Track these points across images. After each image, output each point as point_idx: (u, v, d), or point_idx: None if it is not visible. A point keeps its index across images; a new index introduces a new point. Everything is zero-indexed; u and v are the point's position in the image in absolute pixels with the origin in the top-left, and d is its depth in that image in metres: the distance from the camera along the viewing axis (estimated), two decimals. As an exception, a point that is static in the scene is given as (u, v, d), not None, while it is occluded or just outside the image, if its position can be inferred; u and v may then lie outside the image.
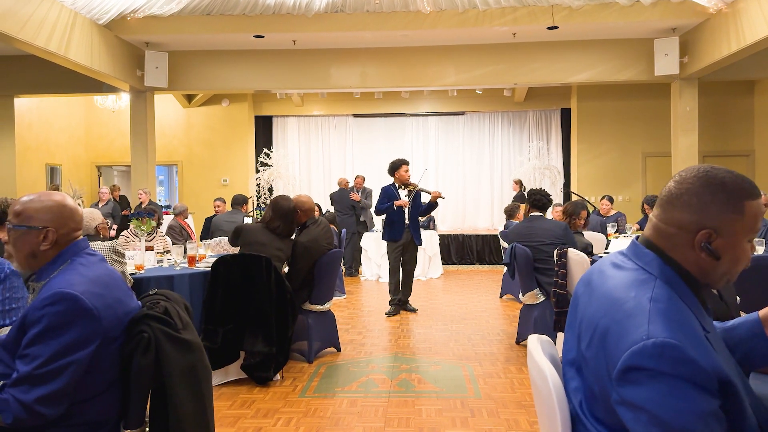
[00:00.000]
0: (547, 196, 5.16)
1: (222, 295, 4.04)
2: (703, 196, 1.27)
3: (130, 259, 4.37)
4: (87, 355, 1.71)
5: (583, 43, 9.25)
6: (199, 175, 12.30)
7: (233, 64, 9.65)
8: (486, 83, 9.81)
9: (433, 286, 8.78)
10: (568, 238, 4.78)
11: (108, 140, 12.52)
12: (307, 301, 4.69)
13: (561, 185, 11.89)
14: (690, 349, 1.14)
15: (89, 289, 1.74)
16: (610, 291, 1.30)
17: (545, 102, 12.32)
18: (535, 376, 1.49)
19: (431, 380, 4.22)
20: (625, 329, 1.19)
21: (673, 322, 1.18)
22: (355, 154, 13.01)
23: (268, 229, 4.46)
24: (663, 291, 1.25)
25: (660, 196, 1.36)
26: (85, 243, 1.90)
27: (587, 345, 1.30)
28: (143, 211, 4.97)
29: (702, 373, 1.13)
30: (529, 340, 1.58)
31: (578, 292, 1.44)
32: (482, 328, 5.89)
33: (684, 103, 9.02)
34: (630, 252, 1.38)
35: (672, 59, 8.64)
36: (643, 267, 1.32)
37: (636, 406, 1.15)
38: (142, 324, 1.86)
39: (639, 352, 1.14)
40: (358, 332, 5.74)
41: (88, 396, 1.79)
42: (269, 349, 4.02)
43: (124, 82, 9.04)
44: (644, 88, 10.84)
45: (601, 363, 1.24)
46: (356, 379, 4.27)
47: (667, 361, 1.13)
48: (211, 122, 12.41)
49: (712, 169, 1.30)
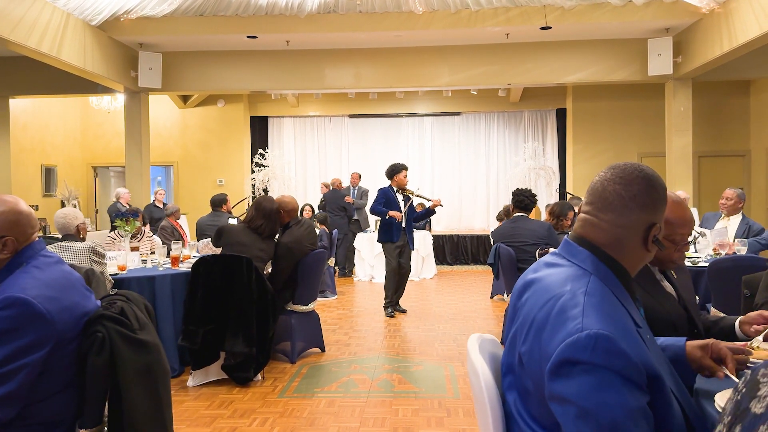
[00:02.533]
0: (532, 197, 5.17)
1: (202, 295, 4.06)
2: (648, 194, 1.36)
3: (113, 259, 4.40)
4: (40, 358, 1.73)
5: (577, 44, 9.24)
6: (195, 176, 12.33)
7: (227, 64, 9.69)
8: (480, 84, 9.82)
9: (425, 286, 8.79)
10: (552, 239, 4.79)
11: (104, 141, 12.57)
12: (291, 301, 4.71)
13: (556, 186, 11.89)
14: (622, 342, 1.16)
15: (42, 293, 1.75)
16: (545, 287, 1.32)
17: (541, 102, 12.32)
18: (471, 374, 1.50)
19: (412, 380, 4.24)
20: (560, 322, 1.21)
21: (606, 315, 1.20)
22: (351, 155, 13.03)
23: (250, 230, 4.48)
24: (597, 285, 1.27)
25: (591, 191, 1.40)
26: (40, 245, 1.92)
27: (523, 341, 1.31)
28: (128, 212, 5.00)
29: (632, 367, 1.15)
30: (469, 339, 1.59)
31: (512, 301, 1.45)
32: (469, 328, 5.91)
33: (678, 103, 9.01)
34: (562, 250, 1.40)
35: (665, 59, 8.64)
36: (577, 264, 1.34)
37: (565, 400, 1.16)
38: (97, 324, 1.88)
39: (573, 344, 1.16)
40: (344, 333, 5.75)
41: (44, 396, 1.82)
42: (249, 350, 4.04)
43: (118, 83, 9.08)
44: (639, 88, 10.83)
45: (536, 357, 1.25)
46: (337, 379, 4.29)
47: (599, 353, 1.14)
48: (207, 123, 12.44)
49: (643, 168, 1.40)
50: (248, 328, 4.05)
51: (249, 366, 4.10)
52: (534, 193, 5.32)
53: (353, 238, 9.42)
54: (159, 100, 11.82)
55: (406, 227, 6.52)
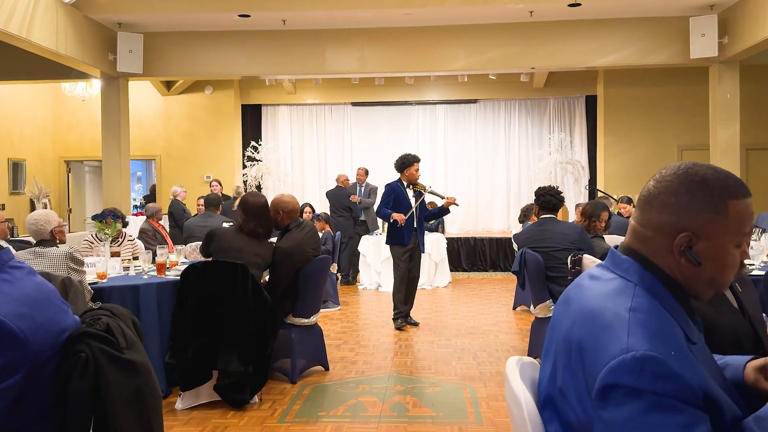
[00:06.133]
0: (558, 194, 5.13)
1: (192, 307, 4.04)
2: (681, 195, 1.28)
3: (91, 266, 4.38)
4: (14, 384, 1.70)
5: (610, 22, 9.20)
6: (180, 171, 12.34)
7: (216, 46, 9.68)
8: (500, 67, 9.80)
9: (439, 296, 8.77)
10: (585, 243, 4.75)
11: (78, 132, 12.59)
12: (291, 313, 4.68)
13: (586, 182, 11.87)
14: (673, 363, 1.15)
15: (14, 310, 1.72)
16: (585, 304, 1.31)
17: (568, 88, 12.29)
18: (510, 402, 1.47)
19: (428, 403, 4.21)
20: (603, 344, 1.20)
21: (655, 333, 1.19)
22: (354, 148, 13.03)
23: (243, 233, 4.44)
24: (643, 300, 1.26)
25: (639, 196, 1.38)
26: (7, 255, 1.89)
27: (564, 369, 1.29)
28: (107, 212, 4.99)
29: (686, 390, 1.14)
30: (508, 363, 1.56)
31: (556, 312, 1.44)
32: (490, 344, 5.88)
33: (724, 90, 8.96)
34: (608, 261, 1.39)
35: (710, 40, 8.59)
36: (622, 275, 1.33)
37: (614, 429, 1.14)
38: (79, 343, 1.85)
39: (617, 368, 1.15)
40: (350, 348, 5.73)
41: (18, 427, 1.78)
42: (245, 368, 4.02)
43: (94, 68, 9.09)
44: (679, 72, 10.79)
45: (580, 384, 1.24)
46: (344, 402, 4.27)
47: (647, 377, 1.13)
48: (193, 112, 12.46)
49: (694, 166, 1.31)
50: (244, 343, 4.02)
51: (245, 386, 4.08)
52: (560, 191, 5.28)
53: (358, 242, 9.39)
54: (140, 86, 11.83)
55: (418, 228, 6.48)
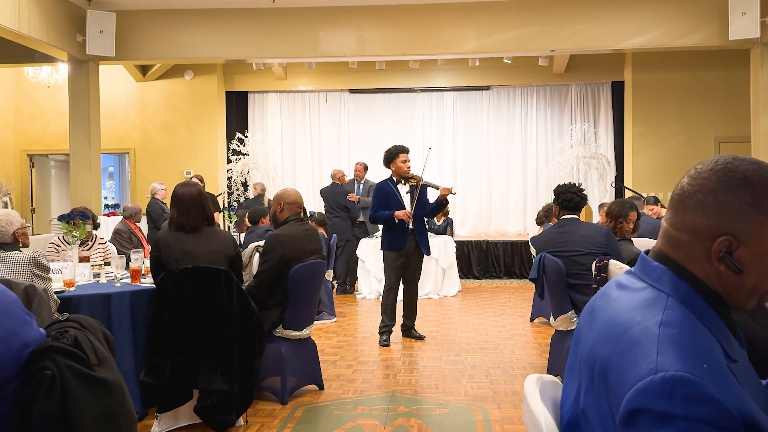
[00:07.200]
0: (580, 192, 5.13)
1: (170, 318, 4.04)
2: (720, 194, 1.26)
3: (58, 272, 4.39)
4: None
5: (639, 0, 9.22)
6: (157, 166, 12.36)
7: (197, 26, 9.69)
8: (516, 50, 9.82)
9: (447, 306, 8.78)
10: (611, 247, 4.75)
11: (42, 122, 12.62)
12: (281, 325, 4.69)
13: (612, 179, 11.87)
14: (710, 385, 1.13)
15: None
16: (611, 317, 1.30)
17: (592, 74, 12.30)
18: (529, 426, 1.48)
19: (435, 427, 4.22)
20: (629, 363, 1.19)
21: (688, 350, 1.18)
22: (352, 140, 13.05)
23: (184, 231, 4.31)
24: (676, 312, 1.24)
25: (672, 195, 1.36)
26: None
27: (586, 388, 1.29)
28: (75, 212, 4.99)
29: (724, 415, 1.12)
30: (526, 381, 1.57)
31: (581, 324, 1.44)
32: (505, 360, 5.88)
33: (766, 75, 8.97)
34: (638, 269, 1.38)
35: (751, 19, 8.59)
36: (653, 284, 1.31)
37: None
38: (44, 359, 1.87)
39: (644, 391, 1.14)
40: (347, 365, 5.75)
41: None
42: (230, 387, 4.02)
43: (60, 50, 9.11)
44: (716, 55, 10.78)
45: (603, 407, 1.24)
46: (340, 425, 4.27)
47: (679, 401, 1.12)
48: (171, 100, 12.47)
49: (734, 161, 1.28)
50: (228, 359, 4.03)
51: (229, 407, 4.09)
52: (582, 188, 5.28)
53: (357, 246, 9.40)
54: (112, 71, 11.84)
55: (415, 227, 6.44)
